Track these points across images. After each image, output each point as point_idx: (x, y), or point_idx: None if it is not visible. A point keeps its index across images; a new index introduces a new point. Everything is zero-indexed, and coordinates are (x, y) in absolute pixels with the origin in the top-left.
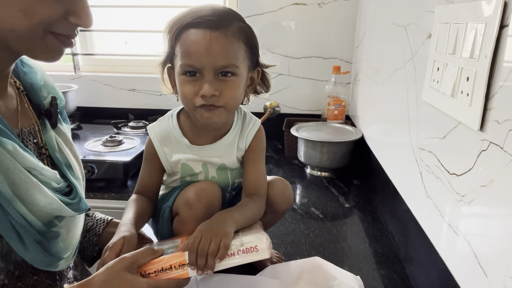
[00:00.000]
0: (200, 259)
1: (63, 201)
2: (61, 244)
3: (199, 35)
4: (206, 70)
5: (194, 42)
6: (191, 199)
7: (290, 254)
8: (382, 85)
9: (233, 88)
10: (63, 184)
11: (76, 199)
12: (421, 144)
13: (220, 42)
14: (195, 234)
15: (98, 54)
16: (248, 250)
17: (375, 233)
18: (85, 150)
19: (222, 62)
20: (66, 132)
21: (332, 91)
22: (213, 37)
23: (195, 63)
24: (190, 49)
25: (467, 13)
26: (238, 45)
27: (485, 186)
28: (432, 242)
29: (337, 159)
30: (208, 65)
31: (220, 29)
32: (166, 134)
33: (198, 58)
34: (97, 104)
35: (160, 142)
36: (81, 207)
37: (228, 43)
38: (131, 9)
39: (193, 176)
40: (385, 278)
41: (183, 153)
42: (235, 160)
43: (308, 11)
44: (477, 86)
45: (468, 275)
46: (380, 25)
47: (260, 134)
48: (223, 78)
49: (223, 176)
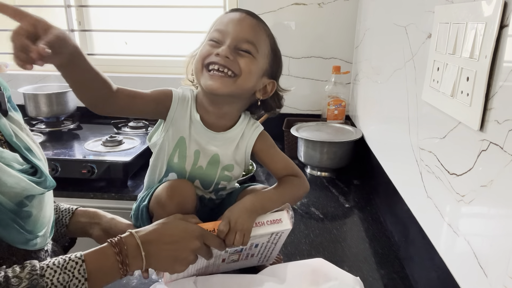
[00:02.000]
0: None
1: (30, 180)
2: (35, 222)
3: (235, 14)
4: (229, 39)
5: (228, 17)
6: (163, 198)
7: (290, 254)
8: (382, 85)
9: (247, 62)
10: (27, 166)
11: (43, 178)
12: (421, 144)
13: (250, 22)
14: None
15: (98, 54)
16: (274, 222)
17: (375, 233)
18: (85, 150)
19: (245, 35)
20: (19, 119)
21: (332, 91)
22: (247, 18)
23: (222, 30)
24: (222, 21)
25: (467, 13)
26: (265, 39)
27: (485, 186)
28: (432, 242)
29: (337, 159)
30: (232, 33)
31: (255, 19)
32: (185, 99)
33: (227, 27)
34: None
35: (179, 99)
36: (49, 185)
37: (258, 27)
38: (131, 9)
39: (181, 159)
40: (385, 278)
41: (188, 125)
42: (230, 156)
43: (308, 11)
44: (477, 86)
45: (468, 275)
46: (380, 25)
47: (265, 135)
48: (240, 53)
49: (212, 171)
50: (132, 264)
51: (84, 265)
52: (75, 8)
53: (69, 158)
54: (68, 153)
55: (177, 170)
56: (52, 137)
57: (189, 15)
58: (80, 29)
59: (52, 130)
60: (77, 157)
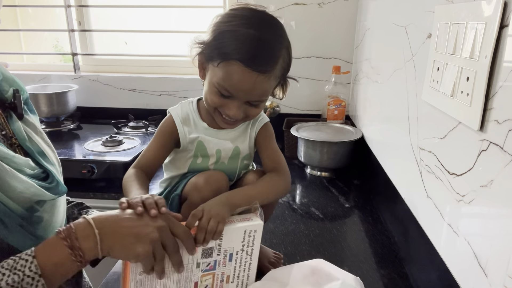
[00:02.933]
0: (201, 234)
1: (41, 185)
2: (46, 227)
3: (246, 76)
4: (239, 98)
5: (239, 80)
6: (201, 182)
7: (290, 254)
8: (382, 85)
9: (257, 110)
10: (38, 170)
11: (54, 183)
12: (421, 144)
13: (263, 85)
14: (197, 210)
15: (98, 54)
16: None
17: (375, 233)
18: (85, 150)
19: (257, 98)
20: (35, 122)
21: (332, 91)
22: (258, 81)
23: (232, 93)
24: (232, 81)
25: (467, 13)
26: (275, 82)
27: (485, 186)
28: (432, 242)
29: (337, 159)
30: (243, 97)
31: (266, 72)
32: (187, 115)
33: (237, 92)
34: (97, 104)
35: (181, 120)
36: (61, 190)
37: (269, 86)
38: (131, 9)
39: (204, 158)
40: (385, 278)
41: (200, 134)
42: (247, 145)
43: (308, 11)
44: (477, 86)
45: (468, 275)
46: (380, 25)
47: (269, 125)
48: (253, 103)
49: (233, 165)
50: (85, 247)
51: (35, 261)
52: (75, 8)
53: (69, 158)
54: (68, 153)
55: (201, 170)
56: (52, 137)
57: (189, 15)
58: (80, 29)
59: (52, 130)
60: (77, 157)
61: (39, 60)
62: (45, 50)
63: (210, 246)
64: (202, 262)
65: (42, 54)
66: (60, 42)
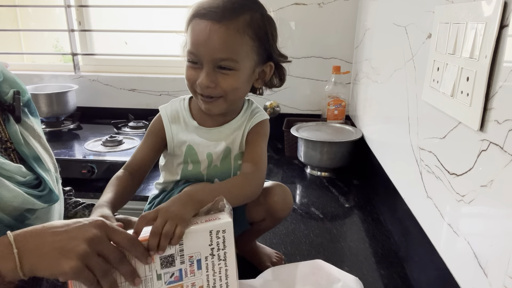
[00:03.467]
0: (153, 239)
1: (31, 193)
2: None
3: (201, 26)
4: (205, 61)
5: (196, 33)
6: None
7: (290, 254)
8: (382, 85)
9: (230, 81)
10: (31, 177)
11: (46, 191)
12: (421, 144)
13: (218, 35)
14: (149, 212)
15: (98, 54)
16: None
17: (375, 233)
18: (85, 150)
19: (219, 55)
20: (34, 125)
21: (332, 91)
22: (213, 30)
23: (195, 53)
24: (193, 39)
25: (467, 13)
26: (241, 40)
27: (485, 186)
28: (432, 242)
29: (337, 159)
30: (206, 56)
31: (222, 22)
32: (176, 114)
33: (198, 48)
34: (97, 104)
35: (169, 119)
36: (53, 198)
37: (228, 36)
38: (131, 9)
39: (195, 164)
40: (385, 278)
41: (190, 134)
42: (238, 144)
43: (308, 11)
44: (477, 86)
45: (468, 275)
46: (380, 25)
47: (265, 123)
48: (221, 71)
49: (226, 166)
50: (3, 269)
51: None
52: (75, 8)
53: (69, 158)
54: (68, 153)
55: (193, 176)
56: (52, 137)
57: None
58: (80, 29)
59: (52, 130)
60: (77, 157)
61: (39, 60)
62: (45, 50)
63: (169, 253)
64: (163, 273)
65: (42, 54)
66: (60, 42)
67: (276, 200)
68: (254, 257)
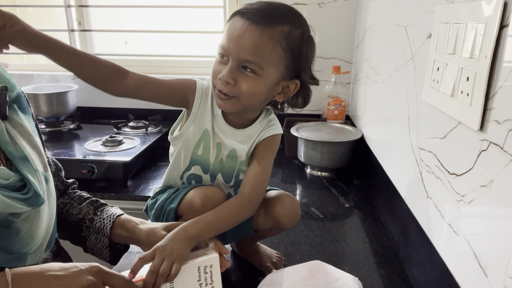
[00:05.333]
0: (150, 277)
1: (13, 197)
2: (24, 239)
3: (238, 23)
4: (232, 57)
5: (232, 29)
6: (197, 205)
7: (290, 254)
8: (382, 85)
9: (250, 84)
10: (14, 179)
11: (30, 193)
12: (421, 144)
13: (251, 36)
14: (147, 253)
15: (98, 54)
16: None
17: (375, 233)
18: (85, 150)
19: (246, 56)
20: (23, 122)
21: (332, 91)
22: (248, 30)
23: (225, 47)
24: (227, 34)
25: (467, 13)
26: (272, 48)
27: (485, 186)
28: (432, 242)
29: (337, 159)
30: (234, 53)
31: (260, 25)
32: (208, 90)
33: (229, 44)
34: (97, 104)
35: (203, 91)
36: (38, 201)
37: (260, 40)
38: (131, 9)
39: (205, 150)
40: (385, 278)
41: (211, 119)
42: (246, 152)
43: (308, 11)
44: (477, 86)
45: (468, 275)
46: (380, 25)
47: (277, 138)
48: (244, 71)
49: (231, 165)
50: None
51: None
52: (75, 8)
53: (69, 158)
54: (68, 153)
55: (202, 163)
56: (52, 137)
57: (189, 15)
58: (80, 29)
59: (52, 130)
60: (77, 157)
61: (39, 60)
62: None
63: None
64: None
65: None
66: None
67: (286, 213)
68: (254, 257)
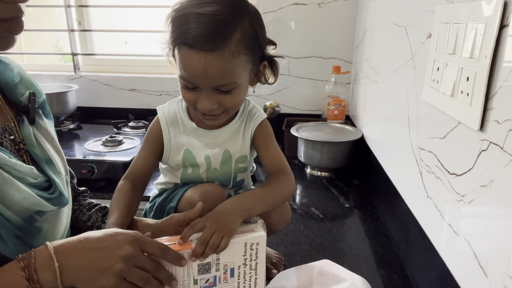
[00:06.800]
0: (200, 247)
1: (41, 195)
2: (45, 238)
3: (194, 59)
4: (203, 88)
5: (189, 65)
6: (196, 201)
7: (290, 254)
8: (382, 85)
9: (231, 98)
10: (41, 179)
11: (56, 194)
12: (421, 144)
13: (215, 66)
14: (199, 221)
15: (98, 54)
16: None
17: (375, 233)
18: (85, 150)
19: (218, 82)
20: (47, 127)
21: (332, 91)
22: (209, 61)
23: (191, 80)
24: (187, 70)
25: (467, 13)
26: (237, 61)
27: (485, 186)
28: (432, 242)
29: (337, 159)
30: (204, 84)
31: (215, 51)
32: (174, 115)
33: (194, 79)
34: (97, 104)
35: (167, 121)
36: (62, 202)
37: (225, 64)
38: (131, 9)
39: (194, 168)
40: (385, 278)
41: (187, 136)
42: (239, 147)
43: (308, 11)
44: (477, 86)
45: (468, 275)
46: (380, 25)
47: (266, 122)
48: (221, 92)
49: (227, 169)
50: (43, 280)
51: None
52: (75, 8)
53: (69, 158)
54: (68, 153)
55: (193, 180)
56: None
57: None
58: (80, 29)
59: None
60: (77, 157)
61: (39, 60)
62: (45, 50)
63: (207, 261)
64: (200, 279)
65: (42, 54)
66: (60, 42)
67: (273, 216)
68: None
